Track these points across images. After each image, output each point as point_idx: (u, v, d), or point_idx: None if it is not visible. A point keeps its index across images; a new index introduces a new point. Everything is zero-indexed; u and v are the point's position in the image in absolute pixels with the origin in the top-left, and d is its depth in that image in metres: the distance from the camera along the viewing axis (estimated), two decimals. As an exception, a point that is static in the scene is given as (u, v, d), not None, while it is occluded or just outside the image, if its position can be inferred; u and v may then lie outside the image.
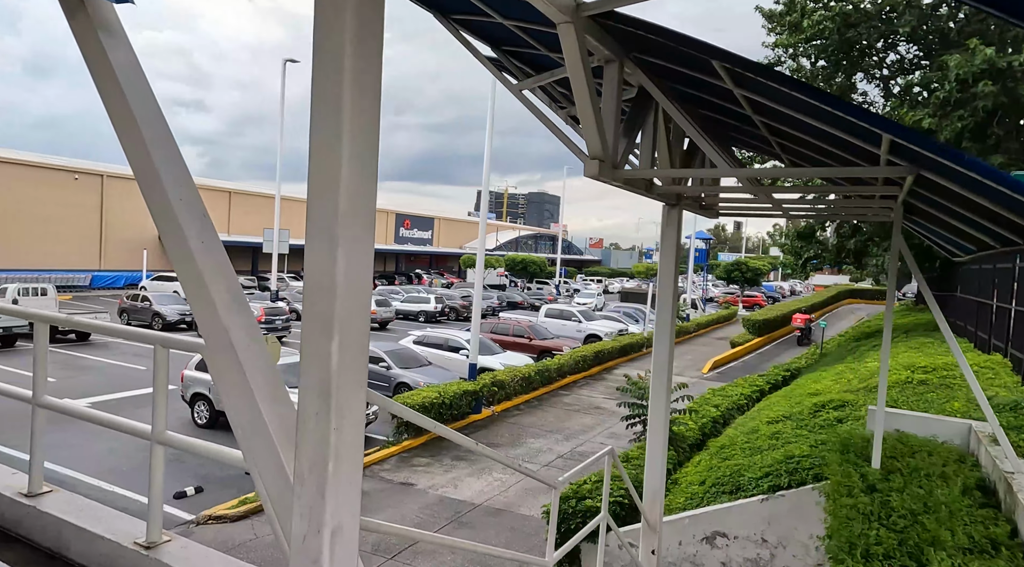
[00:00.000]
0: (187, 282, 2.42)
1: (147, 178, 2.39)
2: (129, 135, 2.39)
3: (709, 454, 9.50)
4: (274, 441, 2.28)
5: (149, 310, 26.72)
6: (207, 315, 2.39)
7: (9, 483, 3.21)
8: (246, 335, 2.39)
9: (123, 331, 2.77)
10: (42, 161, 41.44)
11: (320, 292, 1.96)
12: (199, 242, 2.42)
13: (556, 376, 18.74)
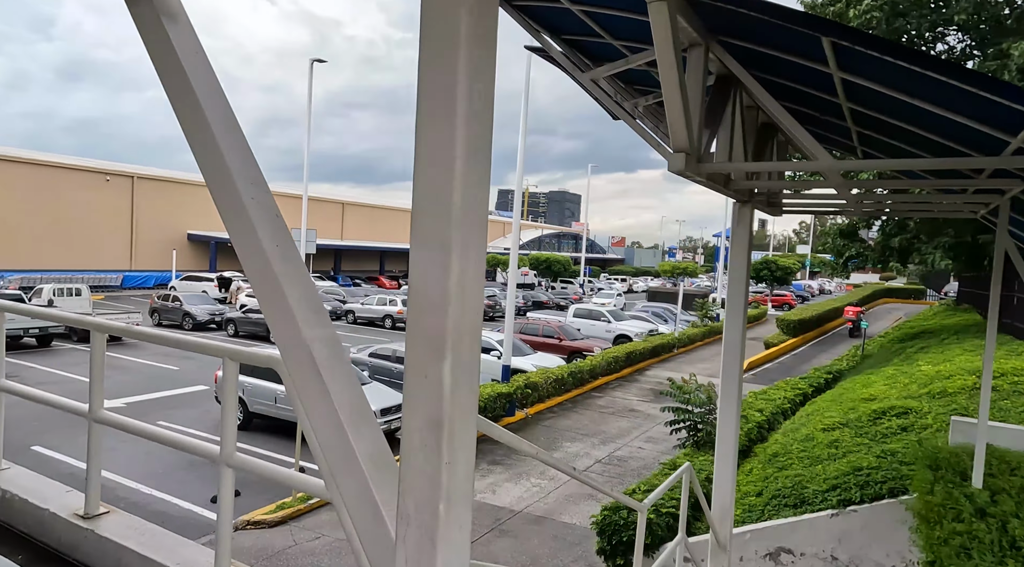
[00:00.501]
0: (261, 290, 2.16)
1: (217, 176, 2.15)
2: (197, 129, 2.15)
3: (760, 462, 9.10)
4: (364, 472, 2.01)
5: (180, 310, 26.95)
6: (285, 327, 2.13)
7: (64, 502, 3.01)
8: (328, 351, 2.13)
9: (192, 343, 2.53)
10: (75, 163, 42.20)
11: (429, 306, 1.68)
12: (274, 246, 2.17)
13: (588, 378, 18.40)
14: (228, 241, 16.90)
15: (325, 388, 2.05)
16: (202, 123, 2.10)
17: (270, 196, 2.27)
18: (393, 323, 30.59)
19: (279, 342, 2.17)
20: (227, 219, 2.17)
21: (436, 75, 1.62)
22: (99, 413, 2.89)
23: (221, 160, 2.11)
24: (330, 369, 2.08)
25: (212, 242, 46.69)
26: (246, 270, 2.20)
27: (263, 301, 2.18)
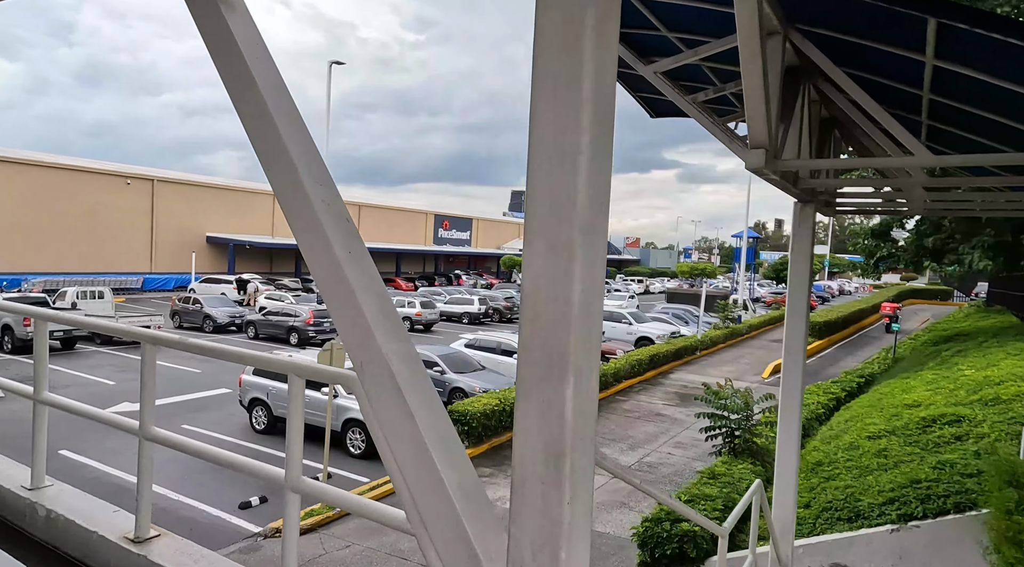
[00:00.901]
0: (333, 300, 1.96)
1: (283, 175, 1.95)
2: (259, 124, 1.95)
3: (802, 471, 8.79)
4: (455, 505, 1.81)
5: (200, 313, 27.04)
6: (361, 340, 1.93)
7: (113, 523, 2.84)
8: (408, 367, 1.93)
9: (255, 358, 2.34)
10: (96, 167, 42.65)
11: (549, 320, 1.47)
12: (346, 252, 1.98)
13: (612, 381, 18.12)
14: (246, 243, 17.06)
15: (407, 409, 1.84)
16: (265, 118, 1.85)
17: (339, 197, 2.09)
18: (411, 325, 30.47)
19: (354, 357, 1.98)
20: (294, 221, 1.99)
21: (558, 64, 1.45)
22: (150, 431, 2.72)
23: (287, 158, 1.86)
24: (412, 387, 1.88)
25: (230, 244, 46.96)
26: (316, 277, 2.02)
27: (335, 312, 1.99)
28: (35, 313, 3.04)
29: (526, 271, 1.50)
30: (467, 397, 15.52)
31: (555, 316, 1.44)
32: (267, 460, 9.77)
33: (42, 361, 3.16)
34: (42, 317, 3.07)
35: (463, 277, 60.60)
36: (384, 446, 1.89)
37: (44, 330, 3.12)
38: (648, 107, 8.17)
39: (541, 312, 1.47)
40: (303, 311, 25.47)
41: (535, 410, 1.48)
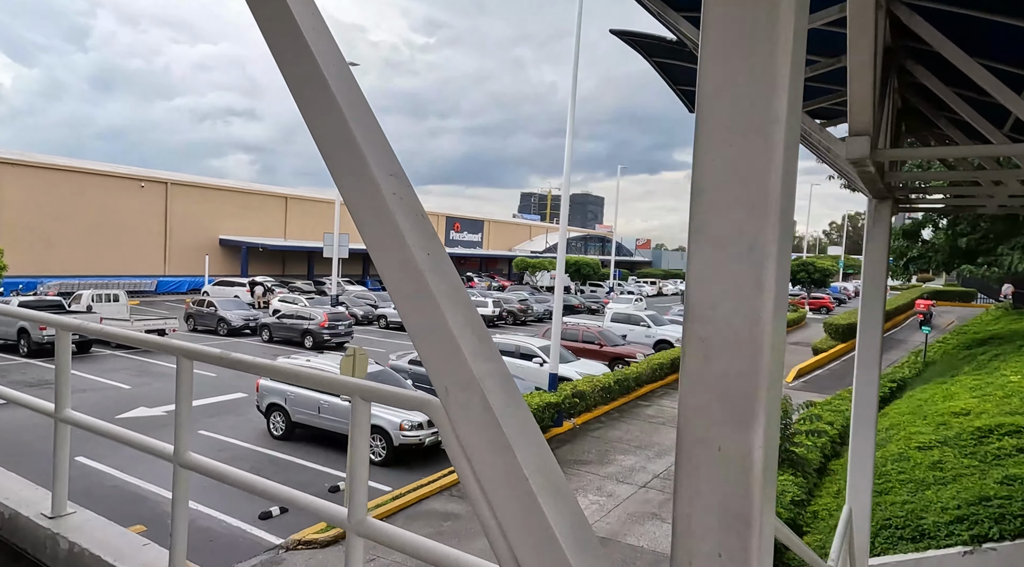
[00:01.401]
0: (411, 312, 1.64)
1: (350, 168, 1.62)
2: (322, 114, 1.63)
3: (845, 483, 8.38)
4: (567, 557, 1.47)
5: (215, 315, 26.91)
6: (446, 362, 1.62)
7: (143, 560, 2.53)
8: (504, 393, 1.60)
9: (313, 378, 2.01)
10: (110, 170, 42.79)
11: (729, 344, 1.13)
12: (425, 254, 1.64)
13: (634, 385, 17.73)
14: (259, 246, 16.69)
15: (505, 442, 1.51)
16: (329, 105, 1.59)
17: (412, 190, 1.77)
18: (426, 328, 30.21)
19: (437, 380, 1.65)
20: (363, 221, 1.65)
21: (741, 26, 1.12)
22: (186, 457, 2.40)
23: (355, 149, 1.59)
24: (509, 416, 1.56)
25: (243, 247, 46.96)
26: (389, 285, 1.68)
27: (415, 327, 1.67)
28: (58, 323, 2.74)
29: (694, 277, 1.17)
30: (487, 402, 15.18)
31: (739, 338, 1.11)
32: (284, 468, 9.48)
33: (64, 375, 2.86)
34: (65, 327, 2.77)
35: (475, 279, 60.33)
36: (474, 487, 1.56)
37: (67, 341, 2.83)
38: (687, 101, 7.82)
39: (718, 332, 1.13)
40: (317, 314, 25.25)
41: (709, 462, 1.14)
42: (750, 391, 1.08)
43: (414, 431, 12.02)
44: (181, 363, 2.37)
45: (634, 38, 5.79)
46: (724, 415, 1.10)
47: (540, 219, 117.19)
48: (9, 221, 35.58)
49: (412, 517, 9.86)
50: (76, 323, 2.74)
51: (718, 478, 1.11)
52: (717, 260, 1.11)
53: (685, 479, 1.15)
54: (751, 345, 1.08)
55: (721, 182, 1.10)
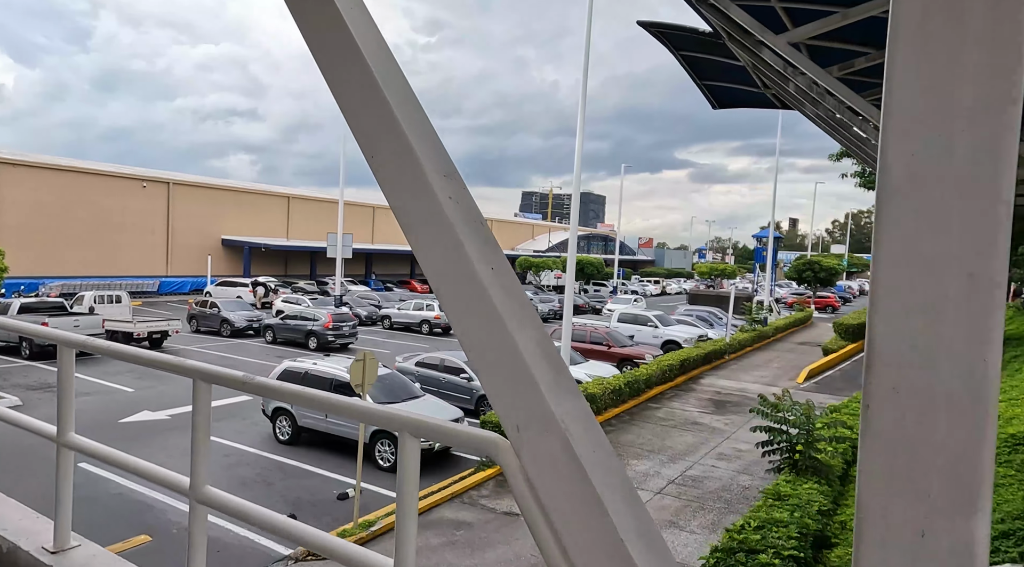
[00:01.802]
0: (474, 334, 1.46)
1: (398, 171, 1.40)
2: (367, 108, 1.40)
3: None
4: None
5: (218, 316, 26.68)
6: (518, 396, 1.43)
7: None
8: (589, 436, 1.39)
9: (361, 412, 1.76)
10: (112, 170, 42.59)
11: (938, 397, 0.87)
12: (488, 268, 1.38)
13: (644, 387, 17.47)
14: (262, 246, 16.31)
15: (596, 497, 1.28)
16: (377, 101, 1.38)
17: (471, 196, 1.51)
18: (430, 329, 29.98)
19: (507, 417, 1.43)
20: (414, 229, 1.42)
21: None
22: (203, 492, 2.15)
23: (404, 146, 1.37)
24: (599, 466, 1.30)
25: (246, 247, 46.75)
26: (447, 303, 1.48)
27: (477, 352, 1.44)
28: (61, 339, 2.49)
29: (883, 307, 0.91)
30: (496, 405, 14.94)
31: (952, 393, 0.85)
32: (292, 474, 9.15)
33: (67, 396, 2.61)
34: (68, 344, 2.52)
35: (478, 279, 60.04)
36: (554, 551, 1.32)
37: (70, 358, 2.58)
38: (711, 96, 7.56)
39: (920, 383, 0.87)
40: (321, 315, 25.01)
41: (906, 552, 0.88)
42: (969, 463, 0.83)
43: (423, 436, 11.78)
44: (198, 387, 2.12)
45: (663, 30, 5.54)
46: (931, 492, 0.85)
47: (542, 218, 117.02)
48: (11, 222, 35.38)
49: (424, 526, 9.60)
50: (80, 340, 2.48)
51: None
52: (921, 287, 0.85)
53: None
54: (971, 402, 0.82)
55: (926, 189, 0.85)
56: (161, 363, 2.23)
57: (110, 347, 2.42)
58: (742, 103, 7.34)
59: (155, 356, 2.27)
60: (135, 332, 21.72)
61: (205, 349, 23.25)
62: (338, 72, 1.47)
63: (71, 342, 2.53)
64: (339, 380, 13.01)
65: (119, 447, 8.86)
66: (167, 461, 11.93)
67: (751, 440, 14.23)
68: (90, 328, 20.77)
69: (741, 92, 6.94)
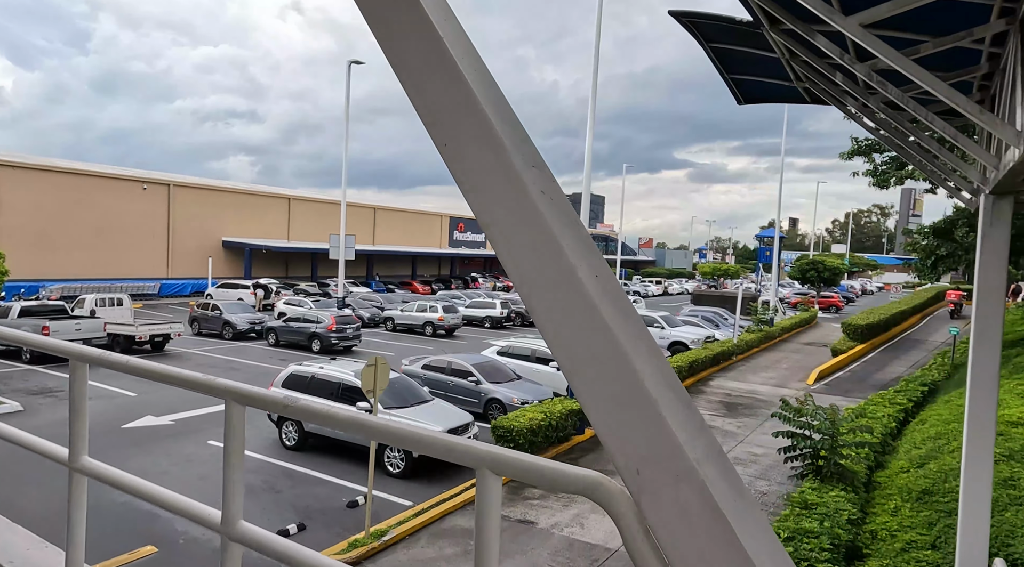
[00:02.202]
0: (578, 354, 1.14)
1: (481, 162, 1.19)
2: (437, 86, 1.19)
3: (902, 499, 7.88)
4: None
5: (220, 319, 26.43)
6: (639, 429, 1.10)
7: None
8: (728, 482, 1.15)
9: (435, 445, 1.50)
10: (112, 172, 42.34)
11: None
12: (593, 276, 1.12)
13: (654, 390, 17.21)
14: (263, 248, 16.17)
15: (739, 549, 1.02)
16: (450, 76, 1.19)
17: (563, 192, 1.25)
18: (434, 330, 29.74)
19: (623, 457, 1.12)
20: (498, 227, 1.20)
21: None
22: (237, 528, 1.90)
23: (486, 131, 1.17)
24: (734, 506, 1.05)
25: (247, 248, 46.51)
26: (542, 317, 1.18)
27: (583, 378, 1.17)
28: (75, 353, 2.25)
29: None
30: (504, 408, 14.72)
31: None
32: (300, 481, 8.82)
33: (80, 416, 2.36)
34: (82, 358, 2.27)
35: (479, 280, 59.88)
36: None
37: (84, 374, 2.33)
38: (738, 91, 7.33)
39: None
40: (325, 317, 24.76)
41: None
42: None
43: (434, 441, 11.54)
44: (231, 409, 1.87)
45: (695, 19, 5.30)
46: None
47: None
48: (11, 224, 35.12)
49: (436, 535, 9.37)
50: (96, 354, 2.24)
51: None
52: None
53: None
54: None
55: None
56: (190, 382, 1.98)
57: (130, 362, 2.17)
58: (770, 98, 7.11)
59: (183, 374, 2.02)
60: (137, 335, 21.47)
61: (207, 352, 23.01)
62: (400, 42, 1.24)
63: (85, 356, 2.29)
64: (346, 384, 12.78)
65: (123, 453, 8.65)
66: (171, 469, 11.70)
67: (765, 444, 13.99)
68: (92, 331, 20.53)
69: (771, 86, 6.71)
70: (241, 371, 19.96)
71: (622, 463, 1.13)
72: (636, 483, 1.11)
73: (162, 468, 11.51)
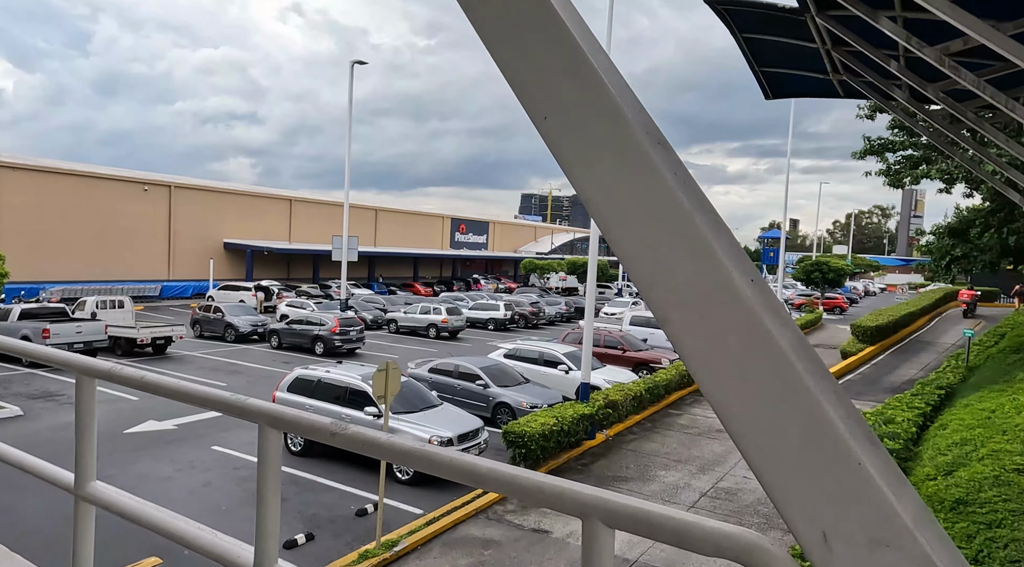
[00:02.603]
0: (733, 381, 0.91)
1: (591, 135, 0.97)
2: (550, 63, 0.98)
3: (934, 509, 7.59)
4: None
5: (222, 321, 26.16)
6: (823, 478, 0.86)
7: None
8: (934, 531, 0.80)
9: (533, 491, 1.23)
10: (113, 173, 42.09)
11: None
12: (748, 280, 0.79)
13: (664, 393, 16.97)
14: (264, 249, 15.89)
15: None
16: (564, 46, 0.98)
17: (696, 183, 0.95)
18: (437, 333, 29.46)
19: (800, 513, 0.87)
20: (619, 217, 0.97)
21: None
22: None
23: (600, 95, 0.96)
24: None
25: (248, 250, 46.25)
26: (678, 330, 0.95)
27: (738, 409, 0.92)
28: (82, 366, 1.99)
29: None
30: (513, 413, 14.45)
31: None
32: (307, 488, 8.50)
33: (87, 436, 2.10)
34: (90, 373, 2.02)
35: (481, 281, 59.60)
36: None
37: (91, 390, 2.07)
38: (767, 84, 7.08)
39: None
40: (328, 319, 24.49)
41: None
42: None
43: (455, 445, 11.26)
44: (266, 436, 1.60)
45: (731, 6, 5.05)
46: None
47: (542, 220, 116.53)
48: (11, 226, 34.86)
49: (449, 544, 9.09)
50: (106, 368, 1.98)
51: None
52: None
53: None
54: None
55: None
56: (217, 402, 1.72)
57: (146, 379, 1.90)
58: (800, 92, 6.86)
59: (208, 393, 1.75)
60: (139, 338, 21.20)
61: (209, 355, 22.73)
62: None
63: (93, 370, 2.02)
64: (353, 388, 12.51)
65: (125, 459, 8.26)
66: (175, 475, 11.41)
67: (779, 448, 13.73)
68: (93, 334, 20.26)
69: (802, 79, 6.45)
70: (244, 374, 19.69)
71: (802, 526, 0.87)
72: (824, 553, 0.85)
73: (165, 474, 11.23)
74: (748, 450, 0.91)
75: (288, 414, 1.59)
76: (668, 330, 0.99)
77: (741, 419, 0.90)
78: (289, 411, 1.60)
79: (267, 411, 1.60)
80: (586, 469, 12.15)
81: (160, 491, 10.37)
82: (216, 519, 9.47)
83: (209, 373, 19.64)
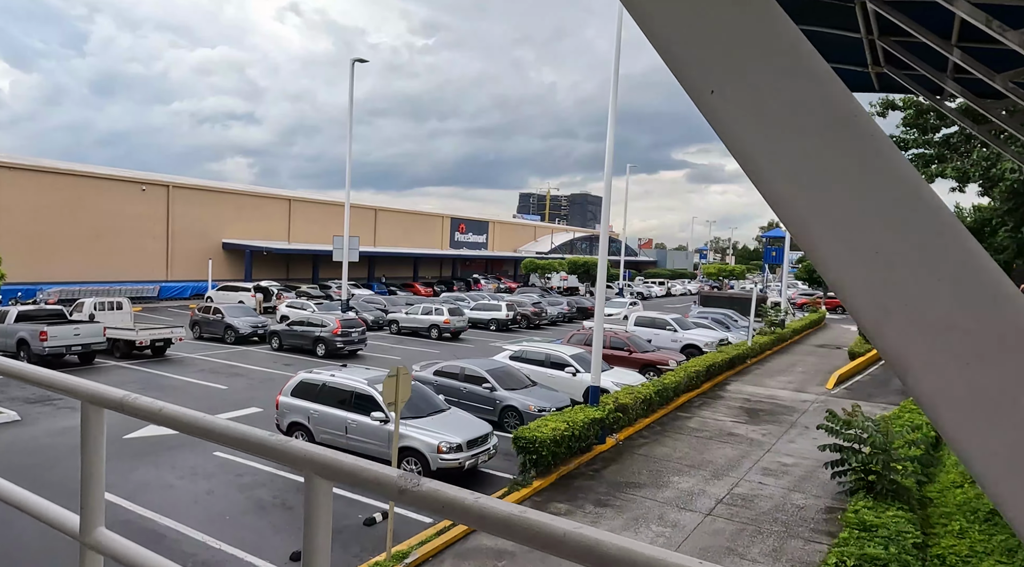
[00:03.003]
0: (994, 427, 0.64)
1: (778, 107, 0.73)
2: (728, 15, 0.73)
3: (967, 520, 7.33)
4: None
5: (221, 323, 25.84)
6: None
7: None
8: None
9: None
10: (110, 173, 41.71)
11: None
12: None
13: (672, 395, 16.70)
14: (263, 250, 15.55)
15: None
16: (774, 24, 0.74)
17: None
18: (439, 334, 29.16)
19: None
20: (825, 216, 0.73)
21: None
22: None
23: (795, 53, 0.74)
24: None
25: (247, 250, 45.90)
26: (928, 386, 0.68)
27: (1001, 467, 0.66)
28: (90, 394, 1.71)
29: None
30: (521, 417, 14.17)
31: None
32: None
33: (95, 475, 1.82)
34: (98, 402, 1.73)
35: (481, 281, 59.31)
36: None
37: (100, 422, 1.79)
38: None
39: None
40: (330, 320, 24.17)
41: None
42: None
43: (452, 453, 10.98)
44: (314, 486, 1.32)
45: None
46: None
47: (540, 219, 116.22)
48: (8, 227, 34.47)
49: (461, 555, 8.81)
50: (118, 398, 1.69)
51: None
52: None
53: None
54: None
55: None
56: (256, 445, 1.42)
57: (164, 411, 1.61)
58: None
59: (243, 433, 1.45)
60: (137, 340, 20.88)
61: (209, 357, 22.41)
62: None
63: (102, 399, 1.74)
64: (360, 392, 12.21)
65: (125, 466, 7.83)
66: (177, 482, 11.11)
67: (795, 453, 13.47)
68: (91, 337, 19.91)
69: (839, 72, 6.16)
70: (245, 377, 19.37)
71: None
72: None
73: (167, 482, 10.92)
74: (988, 485, 0.67)
75: (344, 463, 1.30)
76: (910, 382, 0.72)
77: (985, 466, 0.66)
78: (345, 459, 1.31)
79: (317, 458, 1.31)
80: (597, 475, 11.87)
81: (163, 500, 10.07)
82: (221, 529, 9.18)
83: (209, 376, 19.33)
